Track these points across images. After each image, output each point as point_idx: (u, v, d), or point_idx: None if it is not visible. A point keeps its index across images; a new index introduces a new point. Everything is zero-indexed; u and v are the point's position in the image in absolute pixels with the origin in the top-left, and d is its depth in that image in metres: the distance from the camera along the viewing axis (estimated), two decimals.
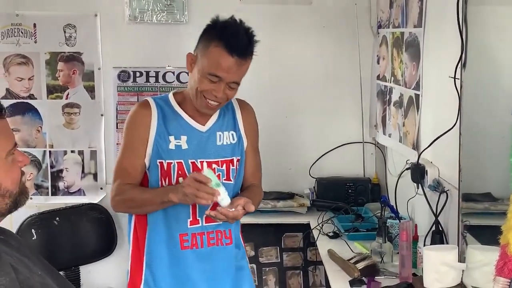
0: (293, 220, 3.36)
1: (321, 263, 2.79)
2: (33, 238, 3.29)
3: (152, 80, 3.49)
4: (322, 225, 3.04)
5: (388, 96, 3.14)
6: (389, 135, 3.14)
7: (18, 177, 1.57)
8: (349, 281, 2.36)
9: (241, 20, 2.16)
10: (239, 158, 2.31)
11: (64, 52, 3.46)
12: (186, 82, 3.46)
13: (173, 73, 3.49)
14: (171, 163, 2.21)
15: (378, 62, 3.37)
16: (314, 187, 3.48)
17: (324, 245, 2.79)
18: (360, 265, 2.42)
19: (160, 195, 2.15)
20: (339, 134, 3.60)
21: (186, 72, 3.47)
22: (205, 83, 2.13)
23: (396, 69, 2.98)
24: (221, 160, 2.26)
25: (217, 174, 2.20)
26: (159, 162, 2.21)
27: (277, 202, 3.38)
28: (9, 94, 3.47)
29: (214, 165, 2.24)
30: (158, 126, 2.22)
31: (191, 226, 2.25)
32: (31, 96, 3.48)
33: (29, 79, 3.47)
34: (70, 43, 3.45)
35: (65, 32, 3.45)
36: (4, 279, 1.49)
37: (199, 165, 2.22)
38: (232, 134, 2.31)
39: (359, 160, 3.58)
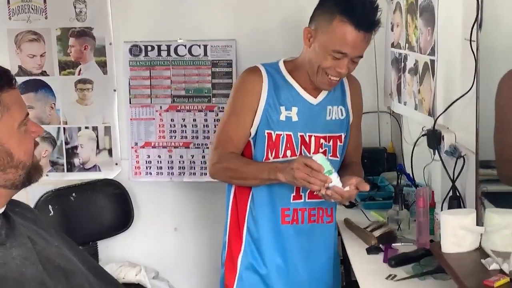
0: None
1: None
2: (50, 214, 3.31)
3: (164, 54, 3.46)
4: None
5: (402, 63, 3.09)
6: (405, 103, 3.10)
7: (31, 148, 1.56)
8: (366, 249, 2.36)
9: None
10: (345, 134, 2.25)
11: (75, 28, 3.44)
12: (198, 55, 3.46)
13: (185, 46, 3.46)
14: (280, 134, 2.14)
15: (392, 30, 3.32)
16: None
17: (340, 214, 2.76)
18: (377, 233, 2.41)
19: (267, 172, 2.08)
20: None
21: (197, 45, 3.44)
22: (328, 60, 2.04)
23: (411, 35, 2.93)
24: (328, 135, 2.20)
25: (323, 150, 2.14)
26: (267, 133, 2.15)
27: None
28: (22, 71, 3.46)
29: (322, 140, 2.18)
30: (269, 95, 2.14)
31: (293, 201, 2.21)
32: (44, 73, 3.48)
33: (41, 55, 3.46)
34: (80, 18, 3.43)
35: (75, 7, 3.42)
36: (20, 249, 1.49)
37: (307, 139, 2.17)
38: (341, 109, 2.24)
39: (375, 130, 3.55)
